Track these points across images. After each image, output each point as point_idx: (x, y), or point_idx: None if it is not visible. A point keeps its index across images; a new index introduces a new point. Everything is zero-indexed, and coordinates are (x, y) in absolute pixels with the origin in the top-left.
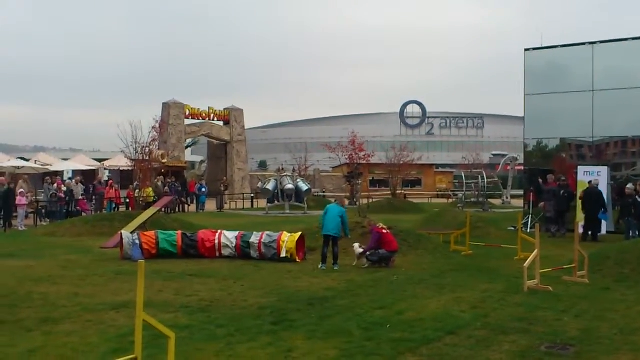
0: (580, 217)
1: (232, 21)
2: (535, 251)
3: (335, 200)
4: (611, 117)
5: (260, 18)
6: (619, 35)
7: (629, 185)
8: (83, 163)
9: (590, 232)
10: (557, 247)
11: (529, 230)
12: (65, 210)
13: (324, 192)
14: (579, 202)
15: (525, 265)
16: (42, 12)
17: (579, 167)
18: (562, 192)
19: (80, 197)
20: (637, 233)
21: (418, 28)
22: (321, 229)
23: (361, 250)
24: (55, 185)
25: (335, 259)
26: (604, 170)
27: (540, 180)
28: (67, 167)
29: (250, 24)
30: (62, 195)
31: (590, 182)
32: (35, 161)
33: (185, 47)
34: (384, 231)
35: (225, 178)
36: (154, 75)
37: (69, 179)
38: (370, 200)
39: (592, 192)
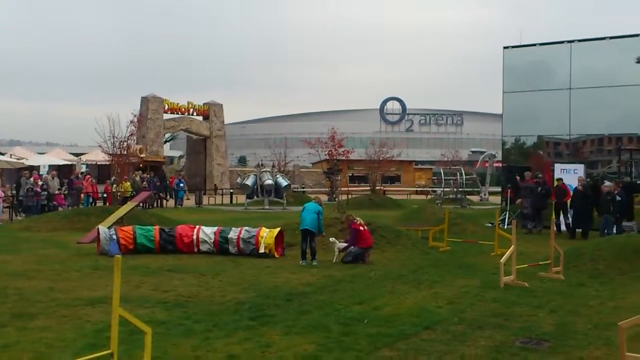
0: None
1: (212, 15)
2: (512, 247)
3: (314, 199)
4: (588, 115)
5: (241, 13)
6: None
7: (607, 183)
8: (60, 157)
9: (581, 230)
10: (534, 244)
11: (506, 227)
12: (41, 205)
13: (303, 187)
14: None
15: (501, 261)
16: (19, 3)
17: (555, 164)
18: (539, 189)
19: (57, 192)
20: (614, 231)
21: (399, 25)
22: (299, 224)
23: (342, 245)
24: (32, 179)
25: (313, 254)
26: (580, 168)
27: (518, 177)
28: (44, 161)
29: (231, 18)
30: (39, 190)
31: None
32: (11, 155)
33: (165, 40)
34: (362, 228)
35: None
36: (132, 68)
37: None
38: (350, 196)
39: (584, 190)
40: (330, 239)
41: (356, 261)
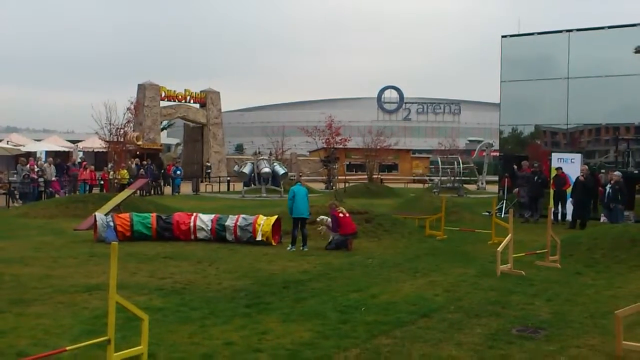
0: (552, 204)
1: (210, 2)
2: (509, 236)
3: (298, 181)
4: (585, 105)
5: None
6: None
7: (617, 173)
8: (57, 144)
9: (579, 220)
10: (530, 233)
11: (503, 216)
12: (38, 192)
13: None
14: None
15: (498, 249)
16: None
17: (553, 153)
18: (535, 178)
19: (54, 179)
20: (623, 219)
21: (398, 14)
22: (290, 211)
23: (329, 226)
24: (28, 166)
25: (304, 240)
26: (577, 158)
27: (515, 166)
28: (40, 147)
29: (228, 5)
30: (35, 176)
31: (582, 171)
32: (8, 142)
33: (162, 27)
34: (341, 215)
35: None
36: (129, 56)
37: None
38: (347, 185)
39: (585, 181)
40: (321, 217)
41: (339, 249)
